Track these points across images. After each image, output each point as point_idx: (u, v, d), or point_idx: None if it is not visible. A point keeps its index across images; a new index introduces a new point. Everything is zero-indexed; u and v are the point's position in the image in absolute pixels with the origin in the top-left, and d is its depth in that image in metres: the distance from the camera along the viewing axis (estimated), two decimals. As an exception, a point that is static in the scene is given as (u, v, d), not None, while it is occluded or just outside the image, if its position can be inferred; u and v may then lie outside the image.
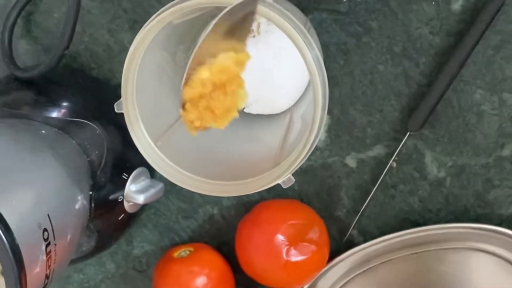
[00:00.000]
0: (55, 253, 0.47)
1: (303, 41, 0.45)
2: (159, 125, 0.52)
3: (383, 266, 0.63)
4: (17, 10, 0.60)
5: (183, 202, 0.65)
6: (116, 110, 0.49)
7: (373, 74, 0.59)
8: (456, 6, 0.57)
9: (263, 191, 0.61)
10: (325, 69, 0.46)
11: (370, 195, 0.62)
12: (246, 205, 0.65)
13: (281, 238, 0.60)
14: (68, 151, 0.55)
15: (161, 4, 0.60)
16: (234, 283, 0.65)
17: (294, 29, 0.45)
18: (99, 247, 0.60)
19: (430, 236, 0.62)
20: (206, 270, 0.62)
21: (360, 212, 0.62)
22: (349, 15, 0.58)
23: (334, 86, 0.60)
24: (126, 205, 0.59)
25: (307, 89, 0.58)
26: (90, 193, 0.55)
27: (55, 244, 0.47)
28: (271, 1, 0.45)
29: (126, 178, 0.58)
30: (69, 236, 0.50)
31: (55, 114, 0.57)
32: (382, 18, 0.58)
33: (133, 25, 0.60)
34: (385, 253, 0.63)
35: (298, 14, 0.55)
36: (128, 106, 0.49)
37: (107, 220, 0.59)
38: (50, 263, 0.47)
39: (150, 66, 0.51)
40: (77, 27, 0.57)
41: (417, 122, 0.59)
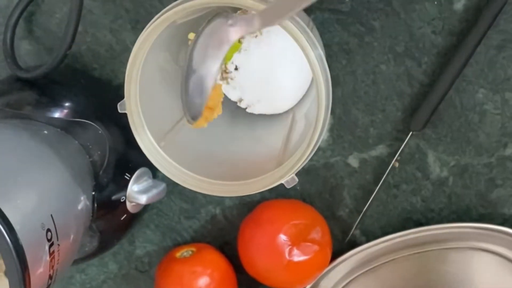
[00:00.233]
0: (58, 253, 0.47)
1: (306, 40, 0.45)
2: (162, 125, 0.52)
3: (386, 266, 0.63)
4: (19, 11, 0.60)
5: (185, 202, 0.65)
6: (119, 110, 0.49)
7: (375, 73, 0.59)
8: (458, 5, 0.57)
9: (265, 191, 0.61)
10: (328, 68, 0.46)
11: (372, 195, 0.62)
12: (248, 205, 0.65)
13: (283, 238, 0.60)
14: (70, 152, 0.55)
15: (163, 4, 0.60)
16: (237, 283, 0.65)
17: (297, 28, 0.45)
18: (102, 248, 0.60)
19: (432, 235, 0.62)
20: (209, 270, 0.62)
21: (362, 212, 0.62)
22: (351, 15, 0.58)
23: (336, 86, 0.60)
24: (128, 205, 0.59)
25: (310, 88, 0.58)
26: (93, 193, 0.55)
27: (58, 244, 0.47)
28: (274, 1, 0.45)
29: (128, 178, 0.58)
30: (72, 236, 0.50)
31: (58, 114, 0.56)
32: (384, 18, 0.58)
33: (135, 25, 0.60)
34: (387, 253, 0.63)
35: (300, 14, 0.55)
36: (131, 106, 0.49)
37: (110, 220, 0.59)
38: (53, 264, 0.47)
39: (153, 67, 0.51)
40: (79, 27, 0.57)
41: (419, 122, 0.59)
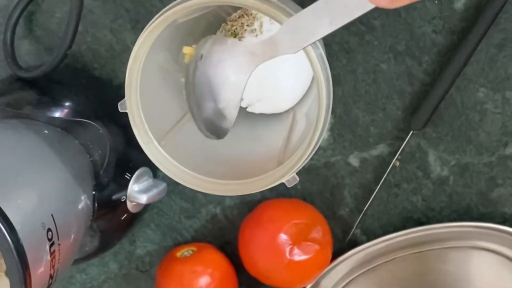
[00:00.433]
0: (59, 253, 0.47)
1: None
2: (163, 124, 0.52)
3: (386, 265, 0.63)
4: (19, 10, 0.60)
5: (186, 202, 0.65)
6: (120, 110, 0.49)
7: (376, 72, 0.59)
8: (459, 4, 0.57)
9: (266, 191, 0.61)
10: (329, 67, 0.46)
11: (373, 194, 0.62)
12: (249, 204, 0.65)
13: (284, 237, 0.60)
14: (71, 151, 0.55)
15: (163, 4, 0.60)
16: (237, 283, 0.65)
17: (298, 27, 0.45)
18: (102, 247, 0.60)
19: (433, 235, 0.62)
20: (209, 270, 0.62)
21: (363, 211, 0.62)
22: (351, 14, 0.58)
23: (337, 85, 0.60)
24: (129, 205, 0.59)
25: (310, 88, 0.58)
26: (93, 193, 0.55)
27: (59, 244, 0.47)
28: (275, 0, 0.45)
29: (129, 178, 0.58)
30: (72, 236, 0.50)
31: (58, 114, 0.56)
32: (385, 17, 0.58)
33: (135, 25, 0.60)
34: (388, 252, 0.63)
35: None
36: (132, 106, 0.49)
37: (110, 220, 0.59)
38: (54, 263, 0.47)
39: (154, 66, 0.51)
40: (79, 27, 0.57)
41: (420, 121, 0.59)
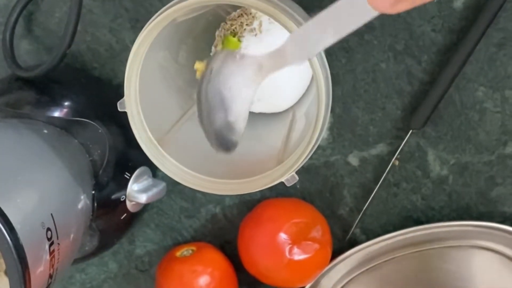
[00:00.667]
0: (59, 252, 0.47)
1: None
2: (162, 124, 0.52)
3: (386, 264, 0.63)
4: (18, 10, 0.60)
5: (185, 201, 0.65)
6: (119, 109, 0.49)
7: (375, 72, 0.59)
8: (458, 3, 0.57)
9: (265, 190, 0.61)
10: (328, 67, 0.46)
11: (372, 194, 0.62)
12: (248, 204, 0.65)
13: (283, 236, 0.60)
14: (70, 151, 0.55)
15: (162, 3, 0.60)
16: (237, 282, 0.65)
17: (297, 27, 0.45)
18: (102, 247, 0.60)
19: (433, 234, 0.62)
20: (209, 269, 0.62)
21: (362, 210, 0.62)
22: (351, 13, 0.58)
23: (336, 84, 0.60)
24: (128, 204, 0.59)
25: (309, 87, 0.58)
26: (93, 192, 0.55)
27: (59, 243, 0.47)
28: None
29: (128, 177, 0.58)
30: (72, 235, 0.50)
31: (57, 113, 0.56)
32: (384, 16, 0.57)
33: (134, 24, 0.60)
34: (388, 251, 0.63)
35: (301, 13, 0.55)
36: (131, 105, 0.49)
37: (110, 219, 0.59)
38: (53, 263, 0.47)
39: (153, 65, 0.51)
40: (78, 27, 0.57)
41: (419, 120, 0.59)
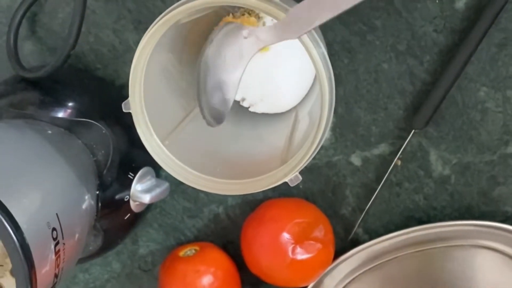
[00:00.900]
0: (64, 252, 0.48)
1: (310, 39, 0.46)
2: (166, 124, 0.53)
3: (388, 264, 0.64)
4: (22, 11, 0.60)
5: (188, 201, 0.65)
6: (123, 110, 0.50)
7: (377, 72, 0.59)
8: (460, 4, 0.57)
9: (268, 190, 0.61)
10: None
11: (375, 193, 0.62)
12: (251, 204, 0.65)
13: (286, 236, 0.60)
14: (74, 151, 0.55)
15: (165, 4, 0.60)
16: (240, 282, 0.65)
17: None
18: (106, 247, 0.60)
19: (435, 233, 0.62)
20: (212, 269, 0.62)
21: (365, 210, 0.62)
22: (353, 14, 0.58)
23: (339, 84, 0.60)
24: (132, 204, 0.59)
25: (312, 87, 0.58)
26: (97, 192, 0.56)
27: (64, 243, 0.48)
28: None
29: (132, 177, 0.58)
30: (77, 235, 0.51)
31: (61, 114, 0.57)
32: (386, 17, 0.58)
33: (138, 25, 0.61)
34: (390, 251, 0.63)
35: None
36: (136, 106, 0.49)
37: (114, 219, 0.59)
38: (59, 262, 0.47)
39: (157, 67, 0.51)
40: (82, 28, 0.57)
41: (421, 120, 0.59)
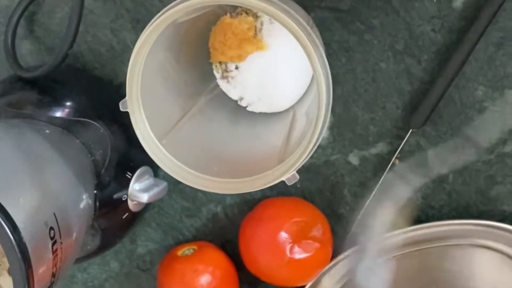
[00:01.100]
0: (61, 251, 0.48)
1: (307, 38, 0.46)
2: (164, 124, 0.53)
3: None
4: (20, 11, 0.60)
5: (187, 201, 0.66)
6: (121, 109, 0.50)
7: (375, 71, 0.59)
8: (457, 3, 0.57)
9: (266, 189, 0.61)
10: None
11: (373, 192, 0.62)
12: (249, 203, 0.65)
13: (284, 235, 0.60)
14: (72, 151, 0.55)
15: (163, 3, 0.60)
16: (238, 281, 0.65)
17: (298, 27, 0.46)
18: (104, 246, 0.60)
19: (433, 233, 0.62)
20: (210, 268, 0.62)
21: (363, 209, 0.62)
22: (350, 13, 0.58)
23: (336, 84, 0.60)
24: (130, 204, 0.59)
25: (310, 87, 0.58)
26: (95, 192, 0.56)
27: (61, 242, 0.48)
28: None
29: (130, 177, 0.58)
30: (74, 234, 0.51)
31: (59, 113, 0.57)
32: (384, 16, 0.58)
33: (135, 24, 0.61)
34: (388, 250, 0.63)
35: (300, 12, 0.55)
36: (133, 105, 0.49)
37: (112, 219, 0.59)
38: (56, 262, 0.47)
39: (154, 66, 0.51)
40: (79, 27, 0.57)
41: (419, 119, 0.59)
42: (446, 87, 0.58)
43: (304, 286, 0.63)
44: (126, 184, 0.58)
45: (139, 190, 0.59)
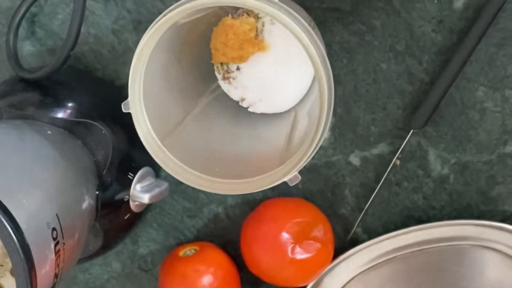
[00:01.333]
0: (64, 252, 0.48)
1: (309, 39, 0.46)
2: (165, 125, 0.53)
3: (388, 263, 0.64)
4: (21, 12, 0.60)
5: (188, 201, 0.66)
6: (123, 110, 0.50)
7: (376, 72, 0.60)
8: (458, 4, 0.57)
9: (268, 190, 0.61)
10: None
11: (374, 193, 0.62)
12: (251, 203, 0.65)
13: (286, 236, 0.60)
14: (74, 151, 0.55)
15: (164, 4, 0.60)
16: (240, 282, 0.65)
17: (300, 27, 0.46)
18: (105, 247, 0.61)
19: (434, 233, 0.62)
20: (212, 269, 0.62)
21: (364, 210, 0.63)
22: (352, 14, 0.58)
23: (338, 84, 0.60)
24: (131, 204, 0.59)
25: (311, 87, 0.58)
26: (97, 192, 0.56)
27: (64, 243, 0.48)
28: (277, 0, 0.46)
29: (131, 177, 0.58)
30: (77, 235, 0.51)
31: (61, 114, 0.57)
32: (385, 17, 0.58)
33: (137, 25, 0.61)
34: (389, 250, 0.63)
35: (302, 13, 0.55)
36: (135, 106, 0.49)
37: (113, 219, 0.59)
38: (59, 262, 0.47)
39: (156, 67, 0.51)
40: (81, 28, 0.57)
41: (420, 120, 0.59)
42: (447, 88, 0.58)
43: (305, 286, 0.63)
44: (128, 184, 0.58)
45: (141, 191, 0.59)
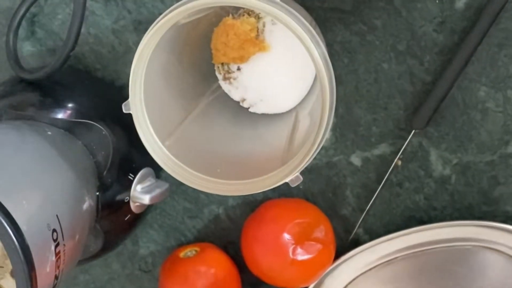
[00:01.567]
0: (64, 253, 0.48)
1: (310, 39, 0.46)
2: (166, 125, 0.52)
3: (389, 264, 0.64)
4: (21, 12, 0.60)
5: (189, 202, 0.65)
6: (124, 111, 0.50)
7: (377, 72, 0.59)
8: (459, 4, 0.57)
9: (269, 190, 0.61)
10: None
11: (375, 194, 0.62)
12: (251, 204, 0.65)
13: (287, 237, 0.60)
14: (74, 152, 0.55)
15: (165, 5, 0.60)
16: (240, 283, 0.65)
17: (301, 27, 0.46)
18: (106, 248, 0.60)
19: (435, 233, 0.62)
20: (213, 270, 0.62)
21: (365, 210, 0.62)
22: (353, 14, 0.58)
23: (339, 84, 0.60)
24: (132, 205, 0.59)
25: (312, 87, 0.58)
26: (97, 193, 0.55)
27: (64, 244, 0.48)
28: (278, 0, 0.45)
29: (132, 178, 0.58)
30: (77, 236, 0.51)
31: (61, 115, 0.57)
32: (386, 17, 0.58)
33: (137, 26, 0.61)
34: (391, 251, 0.63)
35: (303, 13, 0.55)
36: (136, 107, 0.49)
37: (114, 220, 0.59)
38: (59, 264, 0.47)
39: (157, 67, 0.51)
40: (81, 29, 0.57)
41: (422, 120, 0.59)
42: (449, 88, 0.58)
43: (307, 287, 0.63)
44: (128, 185, 0.58)
45: (141, 192, 0.58)
